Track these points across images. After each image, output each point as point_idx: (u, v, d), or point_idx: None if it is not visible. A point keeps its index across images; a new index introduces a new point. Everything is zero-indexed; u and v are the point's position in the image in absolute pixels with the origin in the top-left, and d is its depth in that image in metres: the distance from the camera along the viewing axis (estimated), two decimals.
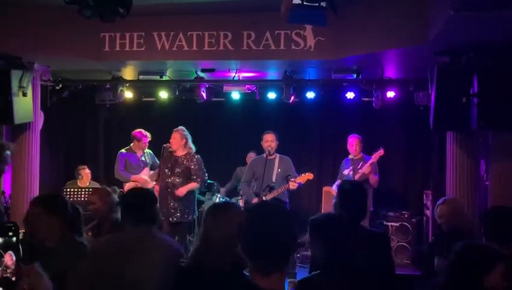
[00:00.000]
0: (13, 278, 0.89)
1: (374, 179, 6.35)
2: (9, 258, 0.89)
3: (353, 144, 6.64)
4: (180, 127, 6.14)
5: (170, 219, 5.88)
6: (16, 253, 0.92)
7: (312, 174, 5.96)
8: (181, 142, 6.08)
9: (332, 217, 3.01)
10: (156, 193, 5.85)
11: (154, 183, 6.48)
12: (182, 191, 5.94)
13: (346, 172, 6.50)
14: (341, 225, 2.81)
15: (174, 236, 5.88)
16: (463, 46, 4.72)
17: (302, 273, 5.79)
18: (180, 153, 6.07)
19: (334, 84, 6.83)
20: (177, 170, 6.01)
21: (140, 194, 3.14)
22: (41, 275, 0.94)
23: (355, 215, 2.91)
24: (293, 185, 5.87)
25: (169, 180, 5.96)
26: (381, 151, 6.37)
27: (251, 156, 7.65)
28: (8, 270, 0.89)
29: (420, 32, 4.62)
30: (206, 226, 2.41)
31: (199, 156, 6.13)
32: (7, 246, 0.91)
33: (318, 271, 2.53)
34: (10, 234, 0.93)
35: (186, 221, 6.01)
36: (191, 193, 6.04)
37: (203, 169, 6.10)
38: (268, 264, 1.60)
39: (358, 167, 6.45)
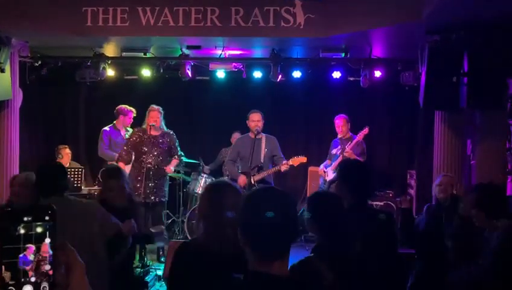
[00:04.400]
0: (47, 268, 0.81)
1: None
2: (46, 248, 0.81)
3: (339, 125, 6.62)
4: (156, 106, 6.07)
5: (148, 201, 5.85)
6: (53, 239, 0.83)
7: (306, 158, 5.84)
8: (160, 120, 6.02)
9: (331, 196, 2.97)
10: None
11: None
12: (170, 168, 5.99)
13: (334, 151, 6.47)
14: (339, 207, 2.78)
15: (151, 217, 5.93)
16: (454, 25, 4.71)
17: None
18: (157, 132, 6.00)
19: (322, 63, 6.75)
20: (158, 150, 5.94)
21: (49, 166, 3.23)
22: (74, 251, 0.86)
23: (359, 194, 2.86)
24: (285, 167, 5.78)
25: (150, 160, 5.88)
26: (366, 130, 6.35)
27: (236, 136, 7.56)
28: (44, 262, 0.81)
29: (414, 9, 4.58)
30: (213, 205, 2.30)
31: (173, 132, 6.18)
32: (44, 231, 0.82)
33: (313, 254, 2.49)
34: (47, 218, 0.84)
35: (163, 201, 6.08)
36: (165, 173, 6.07)
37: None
38: (271, 252, 1.54)
39: (347, 146, 6.44)
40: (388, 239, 2.76)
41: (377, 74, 6.59)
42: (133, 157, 5.96)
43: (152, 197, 5.88)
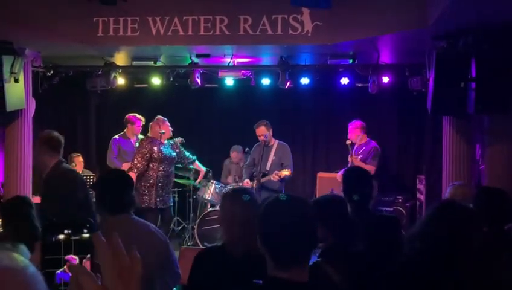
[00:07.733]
0: None
1: (367, 167, 6.29)
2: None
3: (350, 130, 6.67)
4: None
5: (163, 206, 6.04)
6: (92, 251, 0.88)
7: (290, 171, 6.18)
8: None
9: (336, 199, 3.01)
10: None
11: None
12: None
13: (349, 158, 6.52)
14: (344, 208, 2.82)
15: (159, 220, 6.07)
16: (461, 30, 4.73)
17: None
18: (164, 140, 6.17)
19: (330, 70, 6.80)
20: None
21: (117, 177, 2.80)
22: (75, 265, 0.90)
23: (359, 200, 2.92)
24: (274, 178, 6.15)
25: (164, 168, 6.02)
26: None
27: (233, 155, 7.71)
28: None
29: (420, 16, 4.61)
30: (232, 212, 2.34)
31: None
32: (83, 245, 0.88)
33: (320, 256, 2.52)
34: (85, 231, 0.89)
35: (170, 205, 6.31)
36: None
37: None
38: (290, 259, 1.56)
39: (360, 152, 6.48)
40: (393, 242, 2.80)
41: (385, 79, 6.62)
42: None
43: (168, 201, 6.14)
